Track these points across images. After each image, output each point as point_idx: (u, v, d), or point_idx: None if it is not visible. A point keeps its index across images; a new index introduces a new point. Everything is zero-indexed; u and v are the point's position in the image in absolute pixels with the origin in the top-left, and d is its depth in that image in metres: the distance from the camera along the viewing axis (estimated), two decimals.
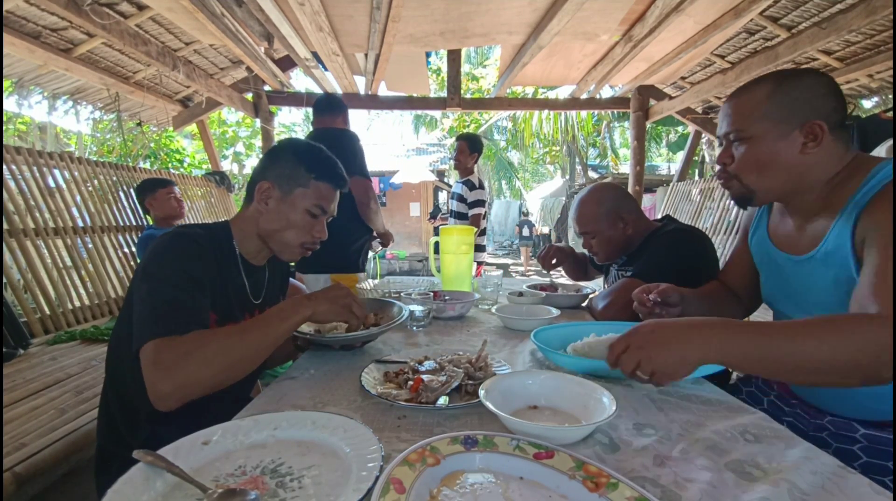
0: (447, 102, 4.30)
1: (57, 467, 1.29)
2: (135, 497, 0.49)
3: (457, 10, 2.77)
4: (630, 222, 1.42)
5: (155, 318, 0.78)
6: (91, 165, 3.03)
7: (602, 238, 1.45)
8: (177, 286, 0.82)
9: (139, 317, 0.79)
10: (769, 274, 1.00)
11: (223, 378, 0.77)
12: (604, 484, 0.51)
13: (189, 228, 0.93)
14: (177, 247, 0.87)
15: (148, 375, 0.73)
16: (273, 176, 0.99)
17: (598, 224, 1.44)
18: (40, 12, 2.60)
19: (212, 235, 0.96)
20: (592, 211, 1.44)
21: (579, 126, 11.64)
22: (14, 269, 2.35)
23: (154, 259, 0.86)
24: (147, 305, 0.80)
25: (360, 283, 2.17)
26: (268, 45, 3.43)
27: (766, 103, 0.83)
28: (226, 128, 9.28)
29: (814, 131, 0.81)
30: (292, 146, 1.04)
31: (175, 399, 0.73)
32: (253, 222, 1.00)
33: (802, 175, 0.84)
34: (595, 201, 1.45)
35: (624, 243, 1.44)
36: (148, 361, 0.74)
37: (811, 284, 0.86)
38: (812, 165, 0.83)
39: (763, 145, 0.84)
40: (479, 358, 0.89)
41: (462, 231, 1.68)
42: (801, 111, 0.82)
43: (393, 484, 0.47)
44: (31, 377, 1.75)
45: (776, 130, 0.83)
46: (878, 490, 0.52)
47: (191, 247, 0.88)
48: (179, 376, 0.73)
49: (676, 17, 2.70)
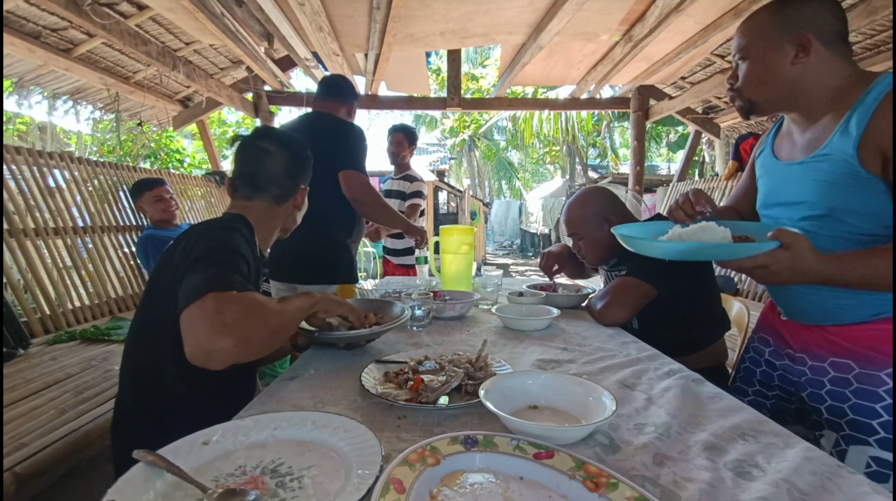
0: (447, 102, 4.30)
1: (57, 467, 1.29)
2: (135, 497, 0.49)
3: (457, 10, 2.77)
4: (616, 223, 1.42)
5: (212, 275, 0.77)
6: (91, 165, 3.03)
7: (588, 240, 1.47)
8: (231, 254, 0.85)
9: (191, 280, 0.77)
10: (766, 183, 1.04)
11: (273, 343, 0.78)
12: (604, 484, 0.51)
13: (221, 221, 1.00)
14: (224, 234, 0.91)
15: (205, 328, 0.70)
16: (306, 179, 1.16)
17: (585, 226, 1.46)
18: (40, 12, 2.61)
19: (244, 225, 1.01)
20: (579, 214, 1.47)
21: (579, 126, 11.65)
22: (14, 269, 2.35)
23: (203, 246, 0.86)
24: (201, 269, 0.78)
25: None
26: (268, 45, 3.43)
27: (766, 22, 0.91)
28: (226, 128, 9.29)
29: (802, 43, 0.86)
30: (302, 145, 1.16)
31: (234, 355, 0.71)
32: (280, 219, 1.12)
33: (797, 85, 0.89)
34: (581, 204, 1.47)
35: (610, 245, 1.44)
36: (206, 313, 0.70)
37: (805, 186, 0.90)
38: (807, 76, 0.88)
39: (760, 60, 0.91)
40: (479, 358, 0.89)
41: (462, 231, 1.68)
42: (793, 25, 0.87)
43: (393, 484, 0.47)
44: (31, 377, 1.75)
45: (771, 45, 0.90)
46: (877, 490, 0.52)
47: (237, 236, 0.92)
48: (242, 330, 0.71)
49: (676, 17, 2.70)
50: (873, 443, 0.84)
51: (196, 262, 0.81)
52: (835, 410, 0.91)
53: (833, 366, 0.92)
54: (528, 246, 15.06)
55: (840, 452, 0.88)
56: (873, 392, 0.85)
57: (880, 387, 0.84)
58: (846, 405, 0.89)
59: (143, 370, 0.93)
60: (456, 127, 17.39)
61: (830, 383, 0.92)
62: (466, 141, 18.63)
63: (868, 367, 0.86)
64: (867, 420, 0.85)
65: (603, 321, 1.33)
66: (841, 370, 0.90)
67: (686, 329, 1.35)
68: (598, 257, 1.50)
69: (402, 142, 3.01)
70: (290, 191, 1.11)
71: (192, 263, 0.81)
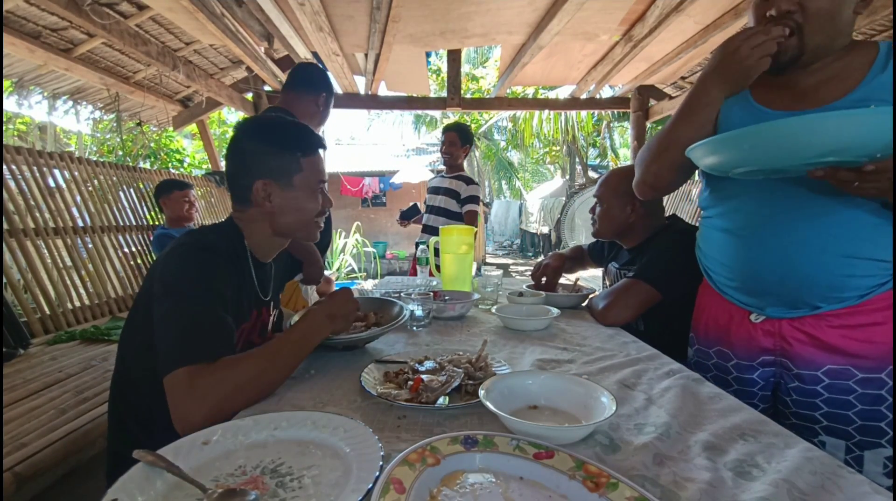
0: (447, 102, 4.30)
1: (57, 467, 1.29)
2: (135, 497, 0.50)
3: (457, 10, 2.77)
4: (639, 213, 1.42)
5: (184, 343, 0.76)
6: (91, 165, 3.03)
7: (605, 210, 1.47)
8: (203, 306, 0.81)
9: (165, 339, 0.78)
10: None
11: (254, 402, 0.78)
12: (604, 484, 0.51)
13: (203, 236, 0.92)
14: (199, 261, 0.86)
15: (179, 402, 0.72)
16: (262, 173, 0.94)
17: (610, 198, 1.46)
18: (40, 12, 2.60)
19: (225, 238, 0.95)
20: (615, 183, 1.46)
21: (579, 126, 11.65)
22: (14, 269, 2.35)
23: (176, 273, 0.84)
24: (173, 327, 0.78)
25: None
26: (268, 45, 3.43)
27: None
28: (226, 128, 9.28)
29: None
30: (258, 135, 0.97)
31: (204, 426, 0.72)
32: (263, 222, 0.98)
33: (841, 33, 0.85)
34: (622, 176, 1.45)
35: (624, 226, 1.45)
36: (180, 389, 0.73)
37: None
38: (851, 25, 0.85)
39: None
40: (479, 358, 0.89)
41: (462, 231, 1.68)
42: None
43: (393, 484, 0.47)
44: (31, 377, 1.75)
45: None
46: (877, 490, 0.52)
47: (212, 260, 0.87)
48: (214, 405, 0.72)
49: (676, 17, 2.70)
50: (886, 444, 0.84)
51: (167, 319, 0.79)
52: (837, 417, 0.88)
53: (829, 374, 0.88)
54: (528, 246, 15.05)
55: (856, 458, 0.85)
56: (878, 395, 0.84)
57: (883, 389, 0.84)
58: (851, 412, 0.86)
59: (139, 373, 0.93)
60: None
61: (827, 391, 0.88)
62: None
63: (870, 371, 0.84)
64: (876, 424, 0.84)
65: (604, 322, 1.33)
66: (840, 377, 0.87)
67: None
68: (605, 230, 1.50)
69: (455, 141, 2.98)
70: (248, 188, 0.94)
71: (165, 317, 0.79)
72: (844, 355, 0.87)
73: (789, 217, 0.88)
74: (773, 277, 0.92)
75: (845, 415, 0.87)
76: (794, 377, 0.93)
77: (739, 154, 0.80)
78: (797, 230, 0.87)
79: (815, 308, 0.89)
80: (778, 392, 0.97)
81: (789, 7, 0.84)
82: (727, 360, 1.03)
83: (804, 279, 0.88)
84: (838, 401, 0.87)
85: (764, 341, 0.96)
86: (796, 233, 0.87)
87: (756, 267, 0.94)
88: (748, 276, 0.96)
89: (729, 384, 1.02)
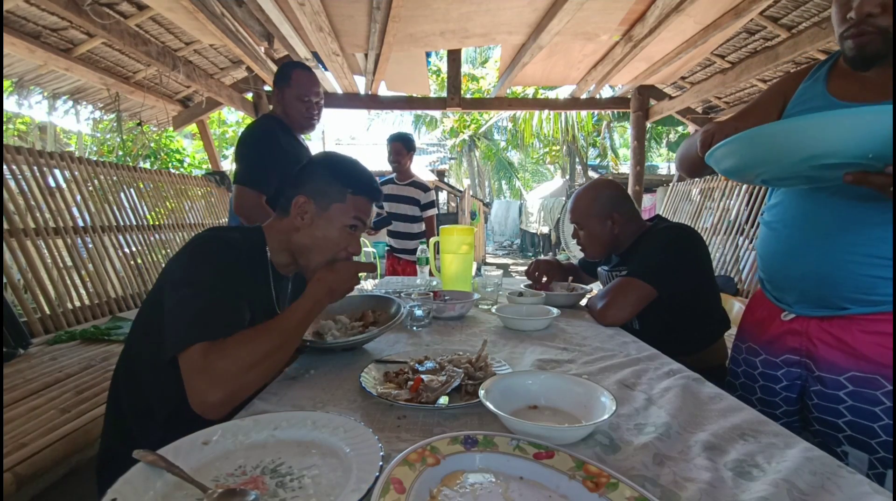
0: (447, 102, 4.30)
1: (57, 467, 1.29)
2: (135, 497, 0.49)
3: (457, 10, 2.77)
4: (619, 222, 1.42)
5: (197, 322, 0.76)
6: (91, 165, 3.03)
7: (588, 233, 1.46)
8: (217, 289, 0.82)
9: (176, 321, 0.78)
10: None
11: (269, 378, 0.78)
12: (604, 484, 0.51)
13: (224, 231, 0.93)
14: (214, 251, 0.87)
15: (196, 383, 0.72)
16: (309, 191, 0.97)
17: (588, 219, 1.45)
18: (40, 12, 2.60)
19: (246, 239, 0.95)
20: (585, 205, 1.46)
21: (579, 126, 11.66)
22: (14, 269, 2.35)
23: (191, 262, 0.85)
24: (187, 308, 0.78)
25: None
26: (268, 45, 3.43)
27: None
28: (226, 128, 9.28)
29: None
30: (325, 160, 1.03)
31: (227, 407, 0.73)
32: (286, 234, 0.98)
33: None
34: (590, 197, 1.46)
35: (610, 242, 1.45)
36: (194, 368, 0.72)
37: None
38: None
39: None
40: (479, 358, 0.89)
41: (462, 231, 1.68)
42: None
43: (393, 484, 0.47)
44: (31, 377, 1.75)
45: None
46: (877, 490, 0.52)
47: (227, 251, 0.88)
48: (232, 383, 0.73)
49: (676, 17, 2.70)
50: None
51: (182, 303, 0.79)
52: (861, 428, 0.83)
53: (854, 381, 0.84)
54: (528, 246, 15.05)
55: (878, 475, 0.81)
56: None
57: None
58: (877, 425, 0.81)
59: (142, 365, 0.92)
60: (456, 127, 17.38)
61: (851, 398, 0.84)
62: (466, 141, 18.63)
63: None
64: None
65: (603, 322, 1.33)
66: (867, 386, 0.83)
67: (686, 329, 1.35)
68: (595, 252, 1.50)
69: (401, 150, 3.12)
70: (291, 198, 0.98)
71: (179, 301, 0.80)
72: (873, 362, 0.83)
73: (819, 214, 0.87)
74: (795, 271, 0.91)
75: (870, 427, 0.83)
76: (816, 380, 0.90)
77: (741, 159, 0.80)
78: (823, 226, 0.86)
79: (842, 309, 0.86)
80: (803, 396, 0.95)
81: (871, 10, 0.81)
82: (756, 355, 1.03)
83: (826, 277, 0.86)
84: (864, 411, 0.83)
85: (791, 340, 0.95)
86: (822, 229, 0.86)
87: (783, 260, 0.94)
88: (775, 269, 0.97)
89: (756, 380, 1.02)
